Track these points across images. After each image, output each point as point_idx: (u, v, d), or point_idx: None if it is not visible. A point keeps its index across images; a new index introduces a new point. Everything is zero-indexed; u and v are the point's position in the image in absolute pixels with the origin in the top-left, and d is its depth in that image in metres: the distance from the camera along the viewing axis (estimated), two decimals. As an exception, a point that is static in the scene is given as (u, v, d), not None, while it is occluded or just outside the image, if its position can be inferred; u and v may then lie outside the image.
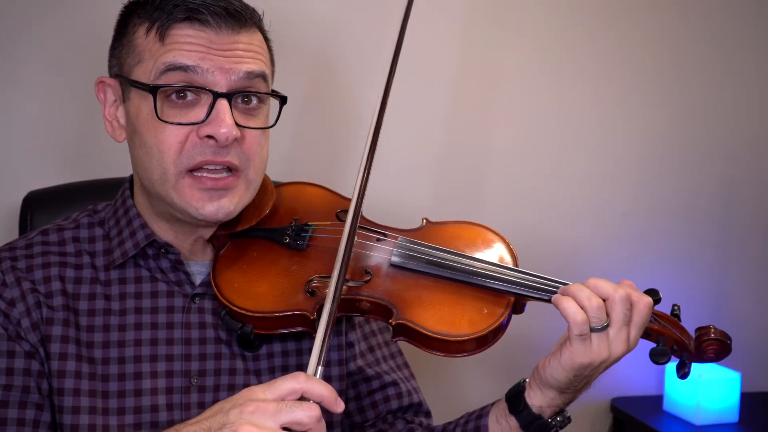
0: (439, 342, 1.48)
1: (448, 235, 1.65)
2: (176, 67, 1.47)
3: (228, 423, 1.21)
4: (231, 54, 1.50)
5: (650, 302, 1.45)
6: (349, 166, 2.52)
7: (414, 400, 1.75)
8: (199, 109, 1.49)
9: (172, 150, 1.48)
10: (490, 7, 2.67)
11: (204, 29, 1.49)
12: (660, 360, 1.48)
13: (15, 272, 1.54)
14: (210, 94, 1.48)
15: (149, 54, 1.50)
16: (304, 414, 1.21)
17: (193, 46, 1.48)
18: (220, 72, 1.48)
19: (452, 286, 1.54)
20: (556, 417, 1.54)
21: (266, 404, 1.21)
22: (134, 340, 1.55)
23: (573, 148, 2.81)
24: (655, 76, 2.86)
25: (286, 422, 1.21)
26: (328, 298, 1.37)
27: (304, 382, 1.25)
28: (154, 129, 1.49)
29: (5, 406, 1.46)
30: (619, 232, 2.87)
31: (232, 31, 1.51)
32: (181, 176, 1.50)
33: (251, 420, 1.20)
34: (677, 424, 2.71)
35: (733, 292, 2.98)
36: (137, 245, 1.58)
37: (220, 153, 1.49)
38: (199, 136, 1.48)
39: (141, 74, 1.50)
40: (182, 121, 1.48)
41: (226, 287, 1.55)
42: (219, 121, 1.47)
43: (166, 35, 1.49)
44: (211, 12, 1.48)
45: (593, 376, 1.50)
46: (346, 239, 1.44)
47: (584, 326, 1.41)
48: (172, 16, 1.49)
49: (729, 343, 1.48)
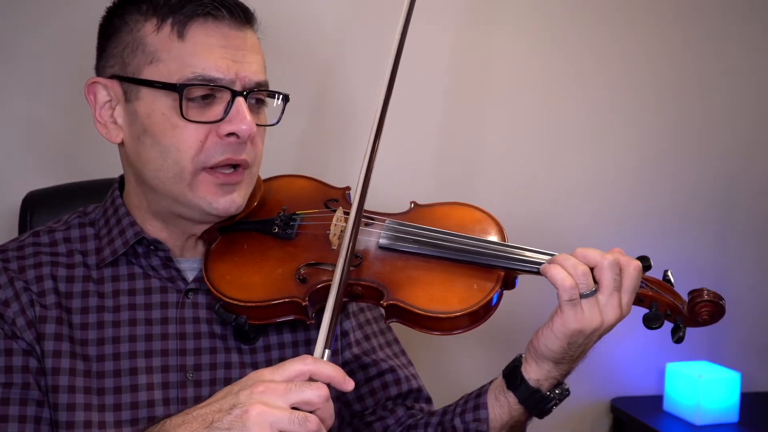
0: (431, 320, 1.48)
1: (436, 216, 1.66)
2: (205, 78, 1.49)
3: (238, 404, 1.22)
4: (243, 51, 1.53)
5: (639, 266, 1.46)
6: (342, 162, 2.56)
7: (413, 386, 1.75)
8: (216, 108, 1.51)
9: (193, 148, 1.50)
10: (486, 8, 2.70)
11: (218, 25, 1.52)
12: (653, 325, 1.47)
13: (7, 273, 1.55)
14: (228, 92, 1.51)
15: (167, 54, 1.50)
16: (313, 393, 1.22)
17: (214, 47, 1.50)
18: (238, 79, 1.51)
19: (441, 265, 1.54)
20: (554, 390, 1.54)
21: (276, 385, 1.23)
22: (129, 336, 1.55)
23: (569, 146, 2.83)
24: (653, 76, 2.88)
25: (295, 401, 1.22)
26: (334, 281, 1.38)
27: (311, 363, 1.26)
28: (172, 128, 1.50)
29: (6, 404, 1.46)
30: (617, 228, 2.88)
31: (242, 26, 1.55)
32: (199, 173, 1.52)
33: (261, 399, 1.21)
34: (677, 424, 2.70)
35: (733, 293, 2.95)
36: (126, 243, 1.58)
37: (239, 150, 1.53)
38: (219, 135, 1.51)
39: (158, 74, 1.51)
40: (204, 120, 1.50)
41: (218, 280, 1.55)
42: (241, 119, 1.50)
43: (186, 34, 1.50)
44: (225, 7, 1.52)
45: (588, 345, 1.49)
46: (350, 230, 1.45)
47: (573, 291, 1.42)
48: (186, 11, 1.51)
49: (723, 304, 1.48)
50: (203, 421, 1.25)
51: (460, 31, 2.68)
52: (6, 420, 1.45)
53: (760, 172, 3.02)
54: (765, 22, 2.99)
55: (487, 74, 2.72)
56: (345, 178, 1.80)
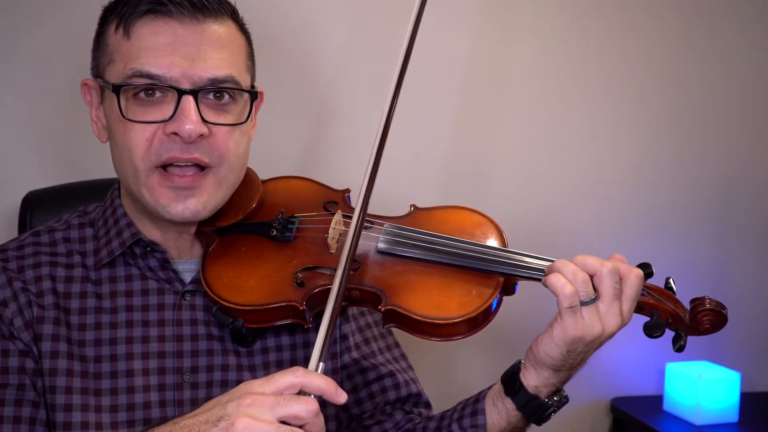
0: (429, 326, 1.47)
1: (435, 220, 1.65)
2: (142, 75, 1.47)
3: (225, 415, 1.21)
4: (197, 47, 1.49)
5: (640, 274, 1.44)
6: (342, 164, 2.55)
7: (412, 391, 1.74)
8: (165, 107, 1.48)
9: (140, 148, 1.48)
10: (488, 11, 2.69)
11: (168, 21, 1.49)
12: (654, 333, 1.46)
13: (6, 273, 1.54)
14: (175, 92, 1.48)
15: (118, 54, 1.50)
16: (301, 408, 1.21)
17: (159, 44, 1.47)
18: (184, 78, 1.48)
19: (440, 270, 1.53)
20: (552, 397, 1.53)
21: (264, 397, 1.22)
22: (126, 337, 1.54)
23: (569, 146, 2.82)
24: (653, 76, 2.87)
25: (283, 416, 1.21)
26: (331, 294, 1.37)
27: (302, 376, 1.25)
28: (123, 127, 1.49)
29: (1, 404, 1.46)
30: (617, 228, 2.88)
31: (197, 21, 1.50)
32: (151, 173, 1.50)
33: (248, 412, 1.20)
34: (677, 424, 2.69)
35: (733, 293, 2.97)
36: (123, 244, 1.58)
37: (186, 149, 1.49)
38: (165, 133, 1.48)
39: (112, 74, 1.51)
40: (148, 119, 1.48)
41: (215, 283, 1.55)
42: (183, 118, 1.47)
43: (131, 31, 1.49)
44: (173, 2, 1.48)
45: (588, 353, 1.48)
46: (351, 237, 1.43)
47: (573, 298, 1.41)
48: (137, 9, 1.49)
49: (725, 313, 1.47)
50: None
51: (464, 34, 2.67)
52: (1, 421, 1.44)
53: (760, 172, 3.01)
54: (765, 22, 2.97)
55: (488, 76, 2.71)
56: (344, 180, 1.80)
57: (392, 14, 2.49)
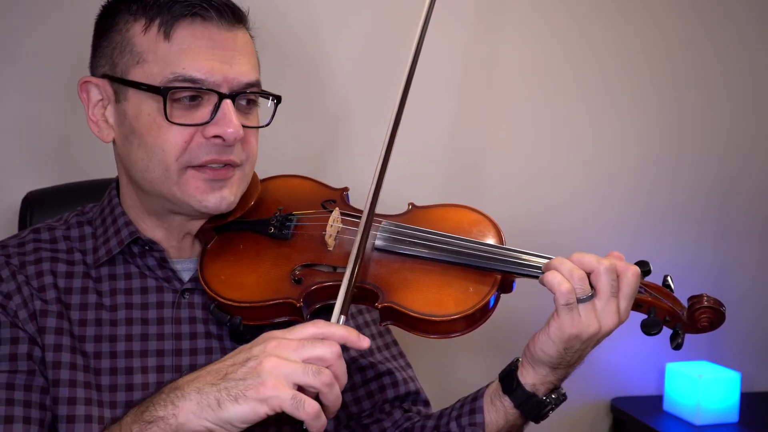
0: (426, 323, 1.47)
1: (433, 218, 1.65)
2: (185, 79, 1.48)
3: (252, 357, 1.26)
4: (231, 52, 1.52)
5: (637, 271, 1.44)
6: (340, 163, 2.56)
7: (411, 389, 1.74)
8: (203, 110, 1.50)
9: (177, 149, 1.50)
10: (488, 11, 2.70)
11: (207, 26, 1.51)
12: (651, 331, 1.45)
13: (9, 267, 1.55)
14: (215, 95, 1.50)
15: (153, 55, 1.50)
16: (326, 350, 1.26)
17: (200, 48, 1.49)
18: (225, 82, 1.50)
19: (438, 267, 1.53)
20: (550, 394, 1.53)
21: (288, 341, 1.27)
22: (125, 335, 1.55)
23: (569, 146, 2.83)
24: (653, 76, 2.88)
25: (308, 357, 1.26)
26: (354, 246, 1.43)
27: (323, 326, 1.30)
28: (158, 129, 1.50)
29: (12, 389, 1.45)
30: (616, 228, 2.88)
31: (232, 26, 1.53)
32: (183, 171, 1.51)
33: (275, 353, 1.25)
34: (677, 424, 2.70)
35: (733, 293, 2.97)
36: (121, 242, 1.58)
37: (224, 152, 1.52)
38: (205, 136, 1.50)
39: (143, 75, 1.50)
40: (189, 122, 1.50)
41: (213, 280, 1.55)
42: (227, 122, 1.49)
43: (172, 33, 1.49)
44: (213, 7, 1.51)
45: (585, 350, 1.47)
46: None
47: (569, 295, 1.41)
48: (174, 12, 1.50)
49: (723, 311, 1.46)
50: (217, 374, 1.28)
51: (463, 34, 2.68)
52: (12, 403, 1.44)
53: (760, 172, 3.02)
54: (765, 22, 2.98)
55: (487, 76, 2.72)
56: (343, 179, 1.80)
57: (392, 14, 2.50)
